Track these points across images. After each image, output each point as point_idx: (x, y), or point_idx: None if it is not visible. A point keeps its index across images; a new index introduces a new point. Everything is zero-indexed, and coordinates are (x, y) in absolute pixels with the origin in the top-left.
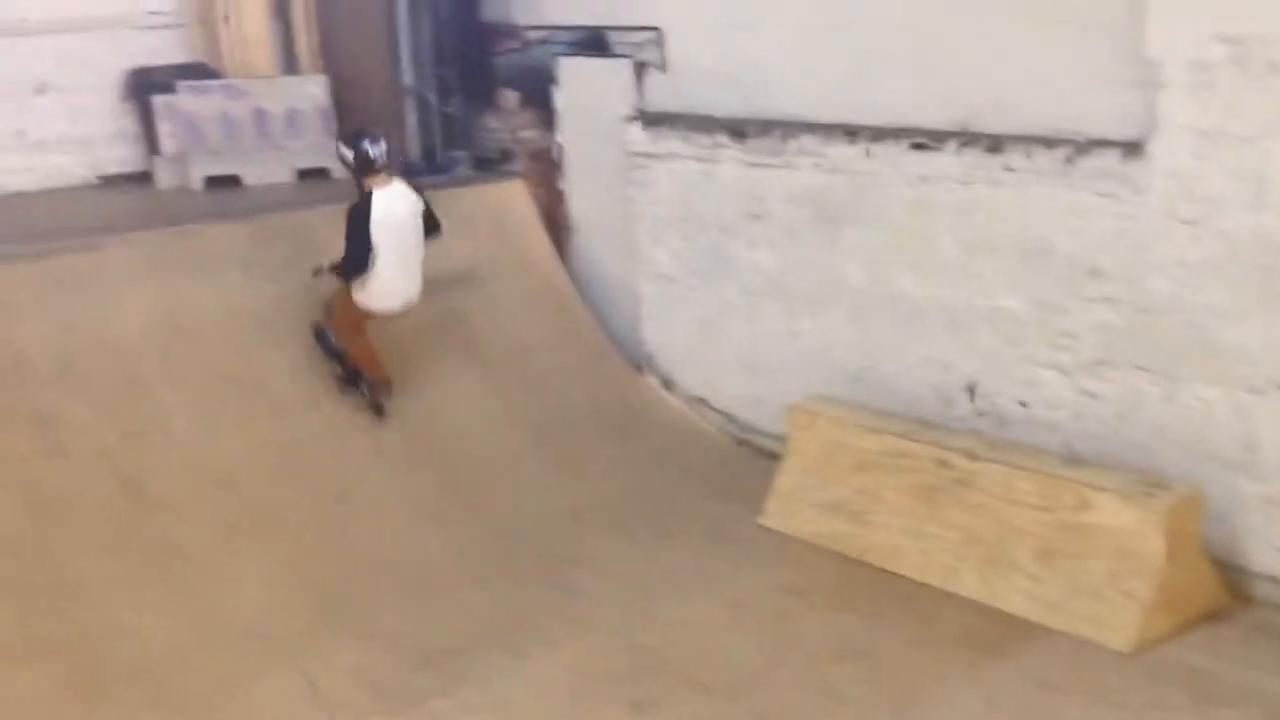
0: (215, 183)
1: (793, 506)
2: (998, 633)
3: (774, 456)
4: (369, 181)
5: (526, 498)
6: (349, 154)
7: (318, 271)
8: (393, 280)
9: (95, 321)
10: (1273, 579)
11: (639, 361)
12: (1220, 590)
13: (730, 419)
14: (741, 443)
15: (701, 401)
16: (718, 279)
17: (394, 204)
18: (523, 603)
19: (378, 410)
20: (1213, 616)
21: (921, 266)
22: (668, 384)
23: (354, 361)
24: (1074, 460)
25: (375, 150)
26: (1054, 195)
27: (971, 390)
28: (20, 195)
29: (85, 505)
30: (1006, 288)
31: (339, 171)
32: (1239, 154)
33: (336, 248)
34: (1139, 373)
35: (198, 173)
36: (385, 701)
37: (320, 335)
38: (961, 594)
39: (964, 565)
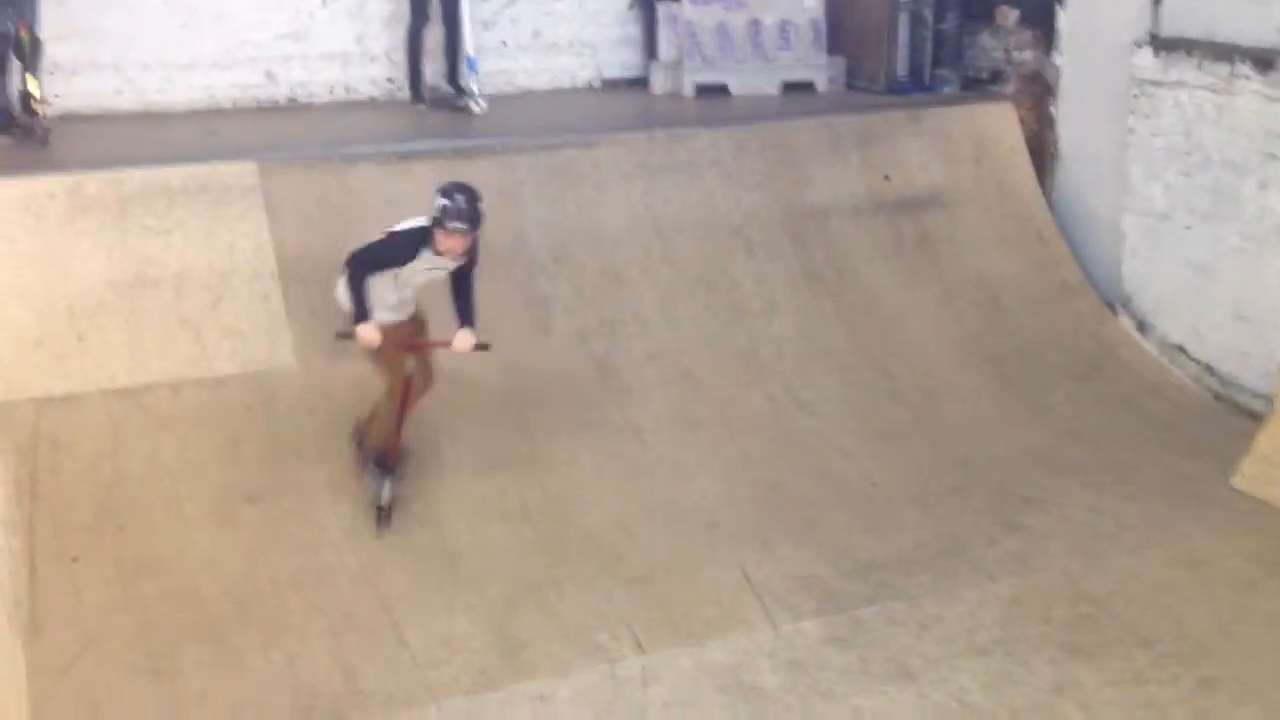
0: (705, 91)
1: (1273, 471)
2: None
3: (1255, 416)
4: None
5: (983, 428)
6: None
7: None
8: None
9: (586, 213)
10: None
11: (1113, 301)
12: None
13: (1209, 371)
14: (1219, 397)
15: (1179, 349)
16: (1218, 221)
17: None
18: (966, 531)
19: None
20: None
21: None
22: (1142, 327)
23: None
24: None
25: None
26: None
27: None
28: (531, 93)
29: (561, 382)
30: None
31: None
32: None
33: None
34: None
35: (690, 80)
36: (813, 600)
37: None
38: None
39: None
